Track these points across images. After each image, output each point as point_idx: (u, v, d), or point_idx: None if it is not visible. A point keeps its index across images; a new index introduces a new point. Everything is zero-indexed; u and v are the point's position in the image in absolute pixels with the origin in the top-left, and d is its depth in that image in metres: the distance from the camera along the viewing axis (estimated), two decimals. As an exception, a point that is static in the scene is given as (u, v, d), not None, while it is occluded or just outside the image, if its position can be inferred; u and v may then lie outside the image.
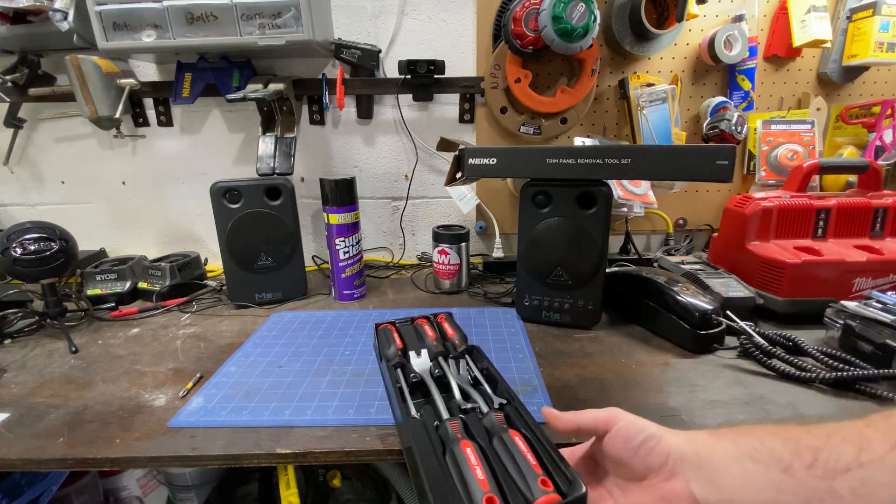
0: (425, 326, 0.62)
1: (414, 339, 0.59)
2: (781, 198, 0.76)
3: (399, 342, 0.59)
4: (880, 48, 0.88)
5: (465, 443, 0.37)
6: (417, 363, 0.54)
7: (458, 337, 0.59)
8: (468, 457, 0.35)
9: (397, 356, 0.55)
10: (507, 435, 0.37)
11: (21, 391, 0.57)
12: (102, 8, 0.75)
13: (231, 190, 0.79)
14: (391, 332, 0.62)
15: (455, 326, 0.62)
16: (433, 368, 0.53)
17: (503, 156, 0.66)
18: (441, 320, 0.64)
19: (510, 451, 0.36)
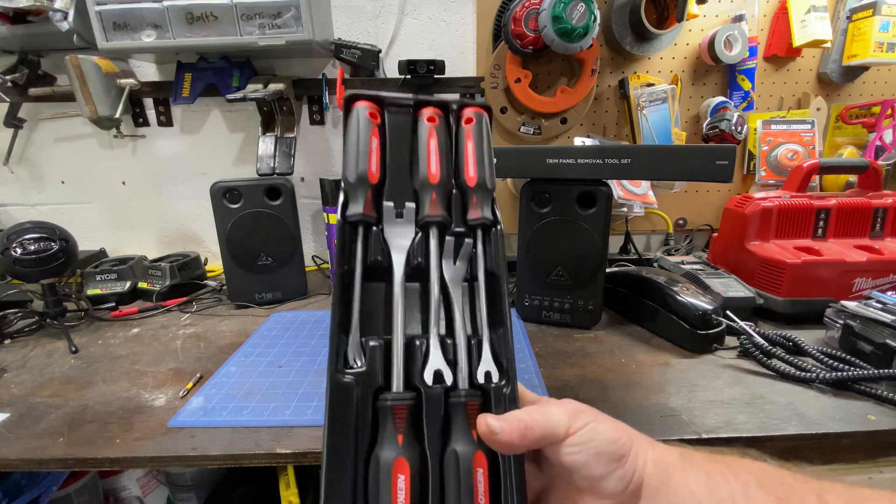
0: (432, 138, 0.33)
1: (403, 156, 0.33)
2: (781, 198, 0.76)
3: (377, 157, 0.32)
4: (880, 48, 0.88)
5: (400, 465, 0.26)
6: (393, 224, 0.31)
7: (479, 188, 0.32)
8: (395, 492, 0.25)
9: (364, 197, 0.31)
10: (469, 472, 0.26)
11: (21, 391, 0.57)
12: (102, 8, 0.75)
13: (231, 190, 0.79)
14: (371, 124, 0.32)
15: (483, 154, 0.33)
16: (413, 248, 0.31)
17: (503, 156, 0.66)
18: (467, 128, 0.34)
19: (460, 496, 0.25)
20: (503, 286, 0.30)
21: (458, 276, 0.31)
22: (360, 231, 0.31)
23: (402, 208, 0.32)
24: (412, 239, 0.31)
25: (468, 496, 0.25)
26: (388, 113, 0.33)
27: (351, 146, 0.31)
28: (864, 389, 0.50)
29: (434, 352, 0.28)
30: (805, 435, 0.45)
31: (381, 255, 0.31)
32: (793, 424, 0.46)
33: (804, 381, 0.53)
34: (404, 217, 0.32)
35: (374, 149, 0.32)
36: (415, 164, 0.33)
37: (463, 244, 0.31)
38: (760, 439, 0.45)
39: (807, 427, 0.46)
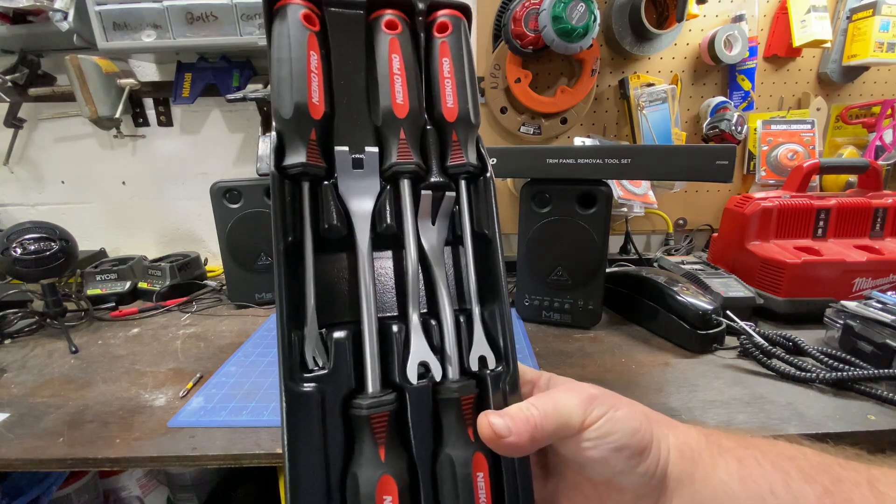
0: (395, 54, 0.24)
1: (358, 78, 0.25)
2: (781, 198, 0.76)
3: (319, 78, 0.23)
4: (880, 48, 0.88)
5: (386, 485, 0.21)
6: (349, 176, 0.24)
7: (460, 121, 0.25)
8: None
9: (305, 137, 0.23)
10: (468, 478, 0.22)
11: (21, 391, 0.57)
12: (102, 8, 0.75)
13: (231, 190, 0.79)
14: (308, 32, 0.23)
15: (463, 72, 0.25)
16: (380, 207, 0.25)
17: (503, 156, 0.66)
18: (440, 37, 0.25)
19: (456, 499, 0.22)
20: (496, 249, 0.24)
21: (440, 239, 0.24)
22: (305, 188, 0.23)
23: (362, 154, 0.24)
24: (377, 195, 0.24)
25: (467, 488, 0.21)
26: (331, 17, 0.24)
27: (282, 67, 0.22)
28: (864, 389, 0.50)
29: (416, 338, 0.23)
30: (805, 435, 0.45)
31: (337, 219, 0.23)
32: (793, 424, 0.46)
33: (804, 381, 0.53)
34: (364, 166, 0.24)
35: (314, 69, 0.23)
36: (373, 91, 0.24)
37: (443, 199, 0.24)
38: (760, 439, 0.45)
39: (807, 427, 0.46)
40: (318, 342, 0.23)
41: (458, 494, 0.21)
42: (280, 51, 0.22)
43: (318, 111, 0.22)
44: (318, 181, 0.23)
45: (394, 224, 0.24)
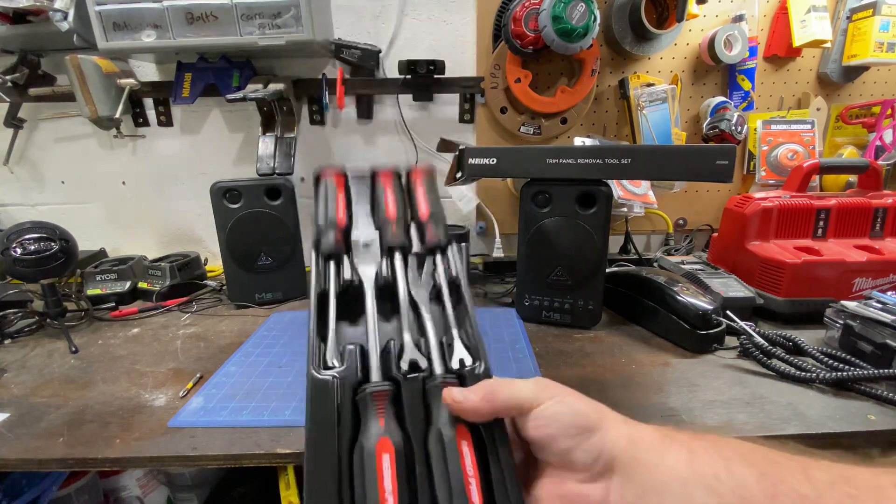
0: (388, 190, 0.40)
1: (365, 205, 0.40)
2: (781, 198, 0.76)
3: (343, 208, 0.39)
4: (880, 48, 0.88)
5: (384, 445, 0.25)
6: (361, 254, 0.36)
7: (432, 218, 0.38)
8: (381, 472, 0.25)
9: (334, 244, 0.35)
10: (452, 441, 0.26)
11: (21, 391, 0.57)
12: (102, 8, 0.75)
13: (231, 190, 0.79)
14: (335, 188, 0.40)
15: (433, 195, 0.40)
16: (381, 268, 0.35)
17: (503, 156, 0.66)
18: (416, 180, 0.41)
19: (447, 467, 0.25)
20: (464, 287, 0.35)
21: (426, 290, 0.35)
22: (332, 262, 0.35)
23: (369, 239, 0.37)
24: (379, 262, 0.36)
25: (456, 466, 0.25)
26: (351, 179, 0.41)
27: (321, 204, 0.38)
28: (864, 389, 0.50)
29: (408, 347, 0.30)
30: (805, 435, 0.45)
31: (353, 277, 0.35)
32: (793, 424, 0.46)
33: (804, 381, 0.53)
34: (371, 247, 0.37)
35: (340, 201, 0.39)
36: (376, 209, 0.39)
37: (424, 262, 0.36)
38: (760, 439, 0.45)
39: (807, 427, 0.46)
40: (335, 351, 0.30)
41: (447, 457, 0.25)
42: (320, 197, 0.39)
43: (342, 222, 0.38)
44: (340, 257, 0.36)
45: (391, 278, 0.35)
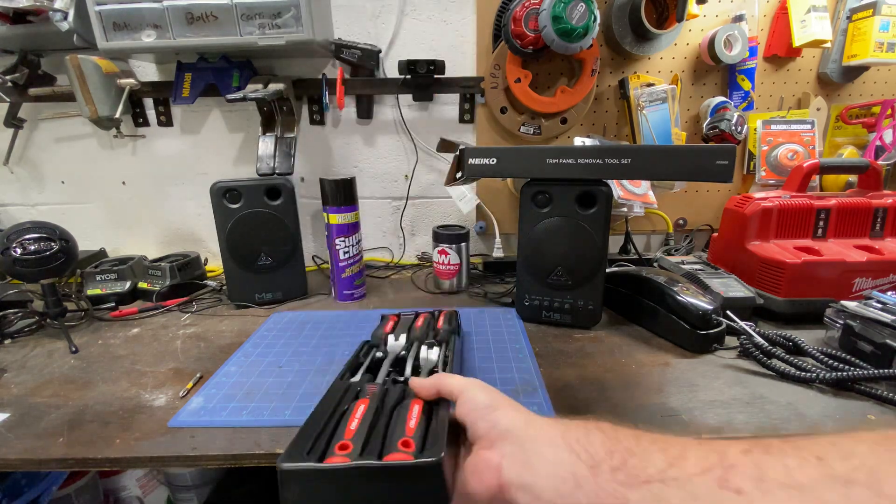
0: (421, 318, 0.62)
1: (405, 327, 0.59)
2: (781, 198, 0.76)
3: (389, 328, 0.59)
4: (880, 48, 0.88)
5: (363, 401, 0.38)
6: (392, 345, 0.54)
7: (444, 329, 0.59)
8: (355, 411, 0.36)
9: (379, 338, 0.56)
10: (408, 402, 0.38)
11: (21, 391, 0.57)
12: (102, 8, 0.75)
13: (231, 190, 0.79)
14: (389, 319, 0.63)
15: (450, 321, 0.62)
16: (402, 350, 0.53)
17: (503, 156, 0.66)
18: (441, 315, 0.65)
19: (400, 415, 0.36)
20: (452, 358, 0.52)
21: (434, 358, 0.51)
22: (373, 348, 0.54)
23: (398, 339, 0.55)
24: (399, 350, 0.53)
25: (405, 414, 0.36)
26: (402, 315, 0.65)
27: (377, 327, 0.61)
28: (864, 389, 0.50)
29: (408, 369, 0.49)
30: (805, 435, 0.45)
31: (381, 354, 0.52)
32: (793, 424, 0.46)
33: (804, 381, 0.53)
34: (399, 339, 0.55)
35: (390, 324, 0.61)
36: (410, 329, 0.58)
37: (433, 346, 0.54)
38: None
39: (807, 427, 0.46)
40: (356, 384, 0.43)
41: (401, 410, 0.37)
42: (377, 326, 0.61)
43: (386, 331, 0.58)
44: (374, 344, 0.55)
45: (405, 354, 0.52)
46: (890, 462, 0.19)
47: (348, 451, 0.32)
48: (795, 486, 0.20)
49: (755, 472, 0.22)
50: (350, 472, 0.31)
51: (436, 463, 0.30)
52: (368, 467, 0.30)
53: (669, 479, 0.24)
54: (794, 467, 0.21)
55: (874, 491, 0.19)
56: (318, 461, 0.31)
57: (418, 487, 0.31)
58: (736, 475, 0.22)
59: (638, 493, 0.24)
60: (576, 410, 0.50)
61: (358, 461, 0.31)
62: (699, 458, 0.24)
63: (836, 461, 0.20)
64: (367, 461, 0.31)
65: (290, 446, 0.33)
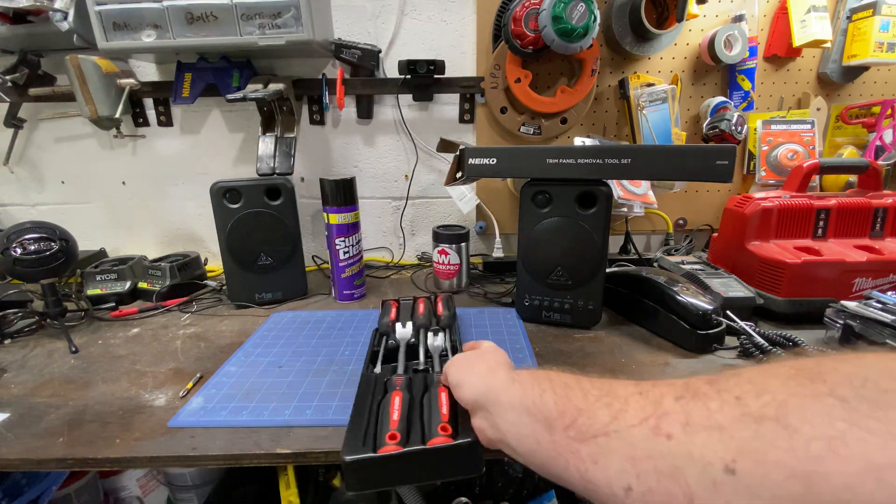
0: (420, 304, 0.68)
1: (407, 313, 0.65)
2: (781, 198, 0.76)
3: (393, 315, 0.66)
4: (880, 48, 0.88)
5: (397, 393, 0.44)
6: (401, 332, 0.60)
7: (445, 315, 0.65)
8: (392, 403, 0.43)
9: (386, 326, 0.62)
10: (435, 391, 0.44)
11: (21, 391, 0.57)
12: (102, 8, 0.75)
13: (231, 190, 0.79)
14: (391, 306, 0.70)
15: (448, 306, 0.69)
16: (412, 338, 0.59)
17: (503, 156, 0.66)
18: (438, 301, 0.71)
19: (431, 403, 0.43)
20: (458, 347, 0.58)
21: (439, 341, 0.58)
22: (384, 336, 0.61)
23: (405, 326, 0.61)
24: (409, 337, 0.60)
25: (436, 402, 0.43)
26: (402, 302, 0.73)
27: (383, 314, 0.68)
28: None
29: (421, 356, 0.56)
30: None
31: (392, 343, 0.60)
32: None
33: (804, 381, 0.53)
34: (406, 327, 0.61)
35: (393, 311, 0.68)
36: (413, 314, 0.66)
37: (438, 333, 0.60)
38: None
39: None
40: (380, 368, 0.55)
41: (431, 398, 0.44)
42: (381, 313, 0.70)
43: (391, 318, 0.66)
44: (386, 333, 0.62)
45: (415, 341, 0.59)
46: (797, 395, 0.20)
47: (397, 440, 0.38)
48: (716, 426, 0.22)
49: (683, 418, 0.24)
50: (403, 457, 0.37)
51: (472, 442, 0.37)
52: (418, 452, 0.37)
53: (612, 432, 0.26)
54: (715, 409, 0.23)
55: (782, 424, 0.20)
56: (374, 451, 0.37)
57: (459, 462, 0.38)
58: (667, 422, 0.24)
59: (587, 447, 0.27)
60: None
61: (408, 448, 0.37)
62: (637, 409, 0.26)
63: (750, 399, 0.22)
64: (415, 447, 0.37)
65: (346, 440, 0.39)
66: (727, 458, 0.21)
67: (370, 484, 0.38)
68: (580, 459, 0.27)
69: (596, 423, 0.28)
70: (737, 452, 0.20)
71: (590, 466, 0.27)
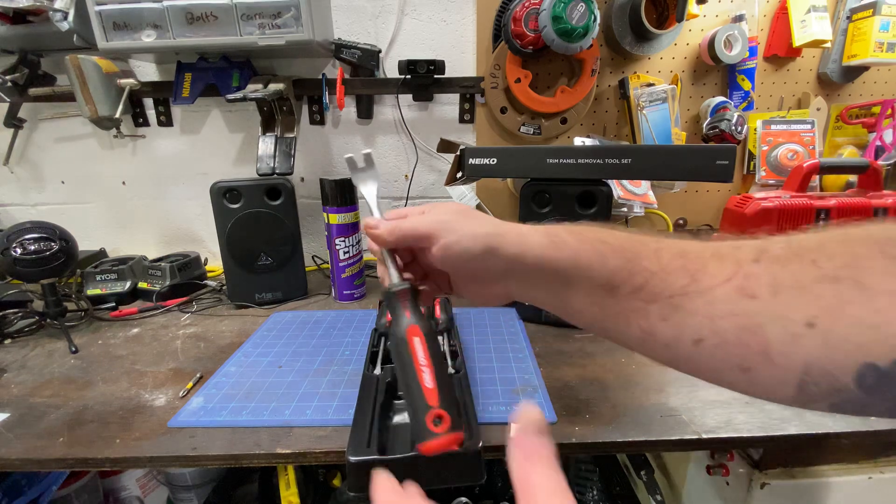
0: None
1: None
2: (781, 198, 0.76)
3: (390, 316, 0.63)
4: (880, 48, 0.88)
5: (413, 330, 0.40)
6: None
7: (443, 318, 0.64)
8: (414, 350, 0.38)
9: (385, 326, 0.61)
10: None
11: (21, 391, 0.57)
12: (102, 8, 0.75)
13: (231, 190, 0.79)
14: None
15: (446, 309, 0.67)
16: None
17: (503, 156, 0.66)
18: (436, 303, 0.69)
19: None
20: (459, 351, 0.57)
21: None
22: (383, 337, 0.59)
23: None
24: None
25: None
26: None
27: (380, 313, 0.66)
28: (864, 389, 0.50)
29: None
30: (805, 435, 0.45)
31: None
32: (793, 424, 0.46)
33: (804, 380, 0.53)
34: None
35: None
36: None
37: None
38: (760, 439, 0.45)
39: (807, 427, 0.46)
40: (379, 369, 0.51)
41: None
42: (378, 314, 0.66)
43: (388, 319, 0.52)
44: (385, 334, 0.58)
45: None
46: (865, 258, 0.23)
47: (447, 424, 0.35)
48: (797, 286, 0.24)
49: (768, 279, 0.25)
50: (408, 461, 0.37)
51: (478, 450, 0.37)
52: (423, 457, 0.35)
53: (692, 293, 0.27)
54: (796, 271, 0.25)
55: (856, 283, 0.23)
56: (379, 453, 0.38)
57: (463, 468, 0.38)
58: (751, 283, 0.26)
59: (657, 307, 0.28)
60: (576, 410, 0.50)
61: (412, 452, 0.37)
62: (717, 270, 0.27)
63: (824, 261, 0.24)
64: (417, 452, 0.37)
65: (351, 441, 0.39)
66: (809, 314, 0.23)
67: None
68: (644, 317, 0.28)
69: (670, 287, 0.28)
70: (818, 309, 0.23)
71: (656, 322, 0.28)
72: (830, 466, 0.53)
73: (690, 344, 0.27)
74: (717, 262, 0.27)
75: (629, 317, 0.29)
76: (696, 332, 0.26)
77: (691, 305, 0.27)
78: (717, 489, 0.60)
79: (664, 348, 0.28)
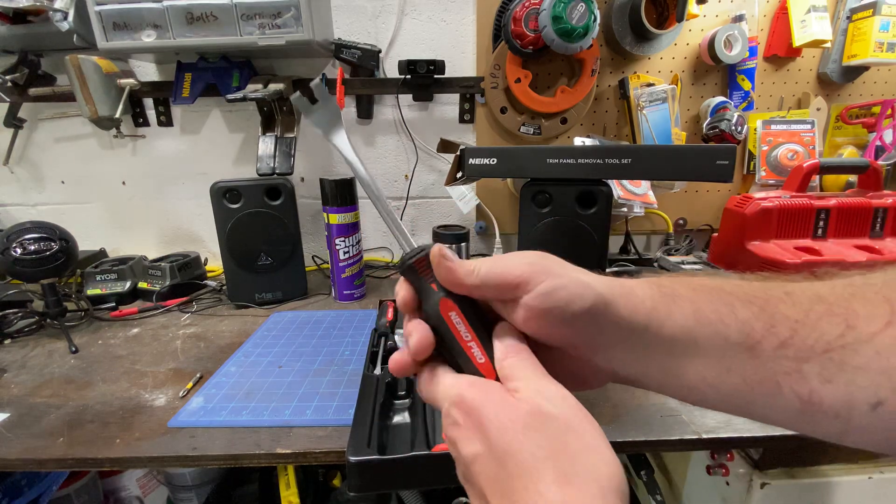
0: None
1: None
2: (781, 198, 0.76)
3: (391, 315, 0.67)
4: (880, 48, 0.88)
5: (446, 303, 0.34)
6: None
7: None
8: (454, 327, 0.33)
9: (385, 326, 0.63)
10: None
11: (21, 391, 0.57)
12: (102, 8, 0.75)
13: (231, 190, 0.79)
14: (388, 306, 0.71)
15: None
16: None
17: (503, 156, 0.66)
18: None
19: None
20: None
21: None
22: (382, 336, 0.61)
23: None
24: None
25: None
26: None
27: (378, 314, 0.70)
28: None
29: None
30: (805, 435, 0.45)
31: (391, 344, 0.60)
32: (793, 424, 0.46)
33: (804, 381, 0.53)
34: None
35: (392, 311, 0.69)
36: None
37: None
38: (760, 439, 0.45)
39: (807, 427, 0.46)
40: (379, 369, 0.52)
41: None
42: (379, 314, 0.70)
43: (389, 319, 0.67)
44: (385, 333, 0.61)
45: None
46: None
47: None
48: None
49: None
50: (408, 461, 0.38)
51: None
52: (423, 457, 0.38)
53: (851, 344, 0.22)
54: None
55: None
56: (380, 453, 0.38)
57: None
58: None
59: (815, 365, 0.22)
60: (576, 410, 0.50)
61: (412, 452, 0.38)
62: (869, 311, 0.22)
63: None
64: (420, 452, 0.38)
65: (351, 441, 0.39)
66: None
67: (374, 486, 0.39)
68: (801, 380, 0.23)
69: (825, 335, 0.22)
70: None
71: (819, 387, 0.22)
72: (830, 466, 0.53)
73: (868, 409, 0.21)
74: (862, 303, 0.23)
75: (780, 383, 0.23)
76: (873, 393, 0.21)
77: (858, 360, 0.22)
78: (717, 489, 0.60)
79: (833, 420, 0.23)
